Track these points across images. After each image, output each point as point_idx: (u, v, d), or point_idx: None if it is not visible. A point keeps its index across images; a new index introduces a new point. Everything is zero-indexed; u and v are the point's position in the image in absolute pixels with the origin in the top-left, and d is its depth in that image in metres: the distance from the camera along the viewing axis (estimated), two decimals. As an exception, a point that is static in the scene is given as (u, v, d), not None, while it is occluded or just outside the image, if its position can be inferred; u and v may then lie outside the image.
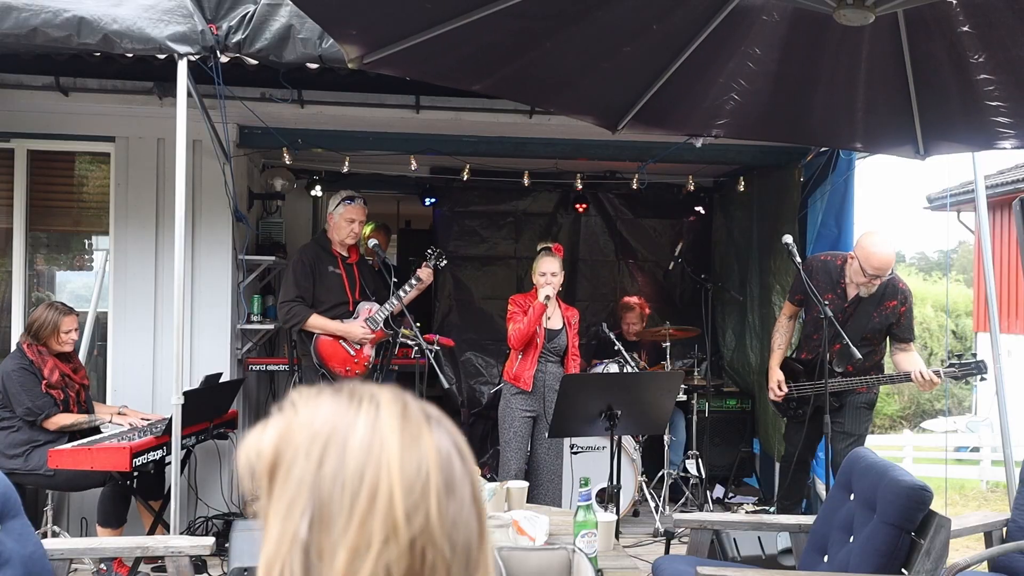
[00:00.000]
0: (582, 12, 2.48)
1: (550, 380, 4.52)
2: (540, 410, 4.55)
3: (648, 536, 4.94)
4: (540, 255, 4.61)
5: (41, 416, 3.99)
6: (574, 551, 1.97)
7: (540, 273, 4.53)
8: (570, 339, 4.65)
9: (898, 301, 4.13)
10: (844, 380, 4.17)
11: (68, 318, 4.18)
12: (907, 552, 2.40)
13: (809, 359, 4.39)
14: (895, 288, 4.13)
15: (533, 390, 4.52)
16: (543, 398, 4.53)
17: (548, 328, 4.57)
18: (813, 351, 4.33)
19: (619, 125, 3.25)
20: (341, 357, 4.54)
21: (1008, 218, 11.94)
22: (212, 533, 4.76)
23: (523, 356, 4.53)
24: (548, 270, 4.51)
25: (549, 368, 4.58)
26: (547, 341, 4.54)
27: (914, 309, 4.42)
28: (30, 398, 3.98)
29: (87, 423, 4.08)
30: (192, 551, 2.59)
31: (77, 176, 5.23)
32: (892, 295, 4.12)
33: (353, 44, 2.57)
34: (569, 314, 4.73)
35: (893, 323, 4.14)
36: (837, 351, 4.10)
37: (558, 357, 4.64)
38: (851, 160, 5.23)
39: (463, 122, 5.08)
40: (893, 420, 18.62)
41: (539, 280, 4.52)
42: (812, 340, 4.38)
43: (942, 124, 3.15)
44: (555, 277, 4.52)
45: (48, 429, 4.02)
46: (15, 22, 3.46)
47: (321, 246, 4.71)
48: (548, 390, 4.49)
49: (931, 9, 2.41)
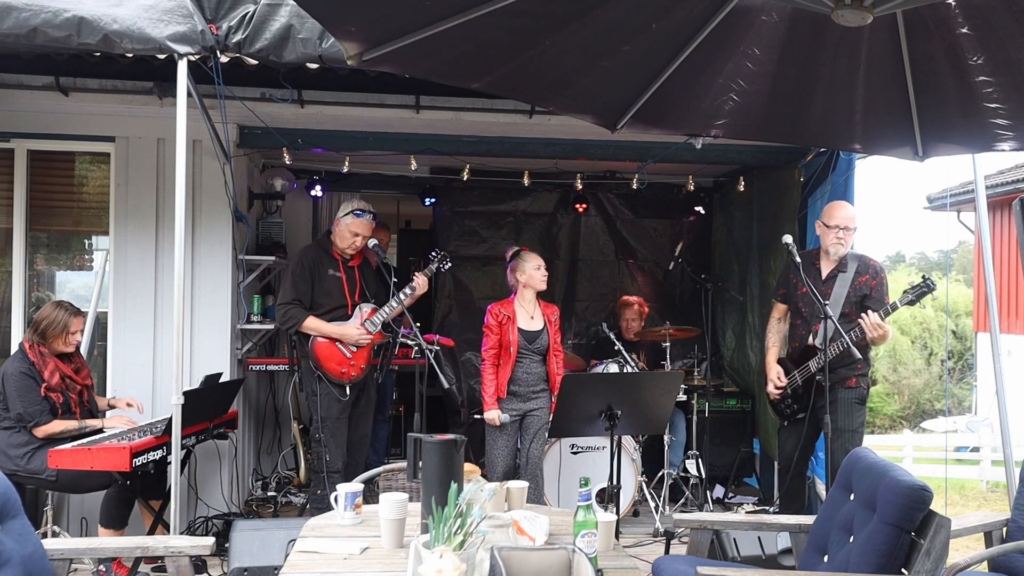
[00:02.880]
0: (581, 11, 2.48)
1: (533, 380, 4.68)
2: (525, 408, 4.69)
3: (648, 536, 4.95)
4: (522, 254, 4.75)
5: (31, 423, 3.96)
6: (574, 551, 1.97)
7: (535, 267, 4.70)
8: (551, 336, 4.76)
9: (870, 275, 4.38)
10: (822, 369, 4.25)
11: (76, 319, 4.18)
12: (907, 552, 2.40)
13: (796, 347, 4.53)
14: (866, 264, 4.42)
15: (517, 392, 4.64)
16: (527, 398, 4.67)
17: (530, 330, 4.69)
18: (799, 339, 4.50)
19: (618, 124, 3.25)
20: (337, 359, 4.55)
21: (1008, 218, 11.94)
22: (212, 533, 4.77)
23: (501, 366, 4.65)
24: (541, 263, 4.73)
25: (533, 368, 4.69)
26: (529, 342, 4.66)
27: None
28: (23, 404, 3.96)
29: (76, 430, 4.03)
30: (192, 551, 2.59)
31: (77, 176, 5.24)
32: (864, 270, 4.38)
33: (352, 41, 2.57)
34: (549, 312, 4.83)
35: (867, 294, 4.34)
36: (818, 330, 4.30)
37: (541, 356, 4.73)
38: (851, 160, 5.23)
39: (463, 122, 5.08)
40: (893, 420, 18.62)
41: (534, 274, 4.69)
42: (797, 329, 4.55)
43: (941, 126, 3.15)
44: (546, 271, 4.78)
45: (38, 436, 3.98)
46: (15, 22, 3.46)
47: (323, 248, 4.71)
48: (532, 390, 4.68)
49: (930, 10, 2.41)
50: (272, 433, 6.19)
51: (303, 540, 2.43)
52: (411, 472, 2.56)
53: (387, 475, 3.19)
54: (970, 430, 12.72)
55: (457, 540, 1.83)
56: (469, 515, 1.86)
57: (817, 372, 4.26)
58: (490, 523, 2.44)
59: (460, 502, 1.90)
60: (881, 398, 19.02)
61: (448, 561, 1.76)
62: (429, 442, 2.38)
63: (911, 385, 19.56)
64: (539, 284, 4.72)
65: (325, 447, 4.52)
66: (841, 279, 4.34)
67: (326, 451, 4.52)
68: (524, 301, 4.71)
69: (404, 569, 2.07)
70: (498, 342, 4.61)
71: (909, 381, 19.59)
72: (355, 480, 3.00)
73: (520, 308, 4.70)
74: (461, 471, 2.39)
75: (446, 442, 2.38)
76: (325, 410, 4.52)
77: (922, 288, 4.07)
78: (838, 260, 4.39)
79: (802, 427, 4.42)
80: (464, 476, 2.41)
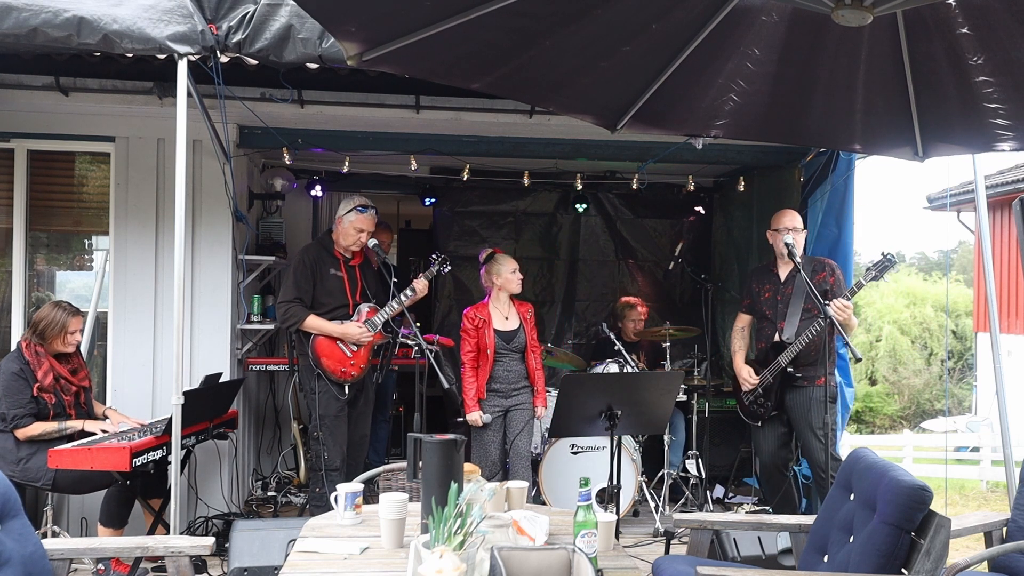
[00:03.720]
0: (582, 11, 2.48)
1: (514, 377, 4.75)
2: (507, 405, 4.74)
3: (648, 536, 4.94)
4: (496, 257, 4.81)
5: (11, 425, 3.93)
6: (574, 551, 1.97)
7: (512, 271, 4.75)
8: (528, 334, 4.81)
9: (827, 272, 4.58)
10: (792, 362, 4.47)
11: (75, 319, 4.16)
12: (907, 552, 2.40)
13: (763, 347, 4.70)
14: (821, 263, 4.65)
15: (498, 389, 4.70)
16: (508, 395, 4.73)
17: (506, 330, 4.73)
18: (765, 339, 4.68)
19: (618, 124, 3.25)
20: (337, 358, 4.54)
21: (1008, 218, 11.94)
22: (212, 533, 4.77)
23: (480, 369, 4.70)
24: (515, 266, 4.78)
25: (512, 366, 4.75)
26: (506, 342, 4.71)
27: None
28: (8, 404, 3.94)
29: (56, 432, 3.98)
30: (192, 551, 2.59)
31: (77, 176, 5.24)
32: (821, 269, 4.60)
33: (352, 41, 2.57)
34: (523, 310, 4.87)
35: (827, 289, 4.49)
36: (783, 327, 4.55)
37: (519, 354, 4.79)
38: (851, 160, 5.23)
39: (463, 122, 5.08)
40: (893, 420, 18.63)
41: (511, 278, 4.74)
42: (763, 330, 4.72)
43: (941, 126, 3.15)
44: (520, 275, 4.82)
45: (19, 438, 3.94)
46: (15, 22, 3.46)
47: (324, 247, 4.70)
48: (513, 387, 4.74)
49: (930, 10, 2.41)
50: (272, 433, 6.20)
51: (303, 540, 2.43)
52: (411, 472, 2.56)
53: (387, 475, 3.19)
54: (970, 430, 12.72)
55: (457, 540, 1.83)
56: (469, 515, 1.86)
57: (788, 365, 4.47)
58: (490, 523, 2.44)
59: (460, 502, 1.90)
60: (881, 398, 19.03)
61: (448, 561, 1.76)
62: (429, 442, 2.38)
63: (911, 385, 19.57)
64: (514, 287, 4.77)
65: (324, 445, 4.52)
66: (800, 279, 4.49)
67: (324, 449, 4.52)
68: (499, 303, 4.78)
69: (404, 569, 2.07)
70: (476, 345, 4.67)
71: (909, 381, 19.60)
72: (355, 480, 3.00)
73: (495, 310, 4.75)
74: (461, 471, 2.39)
75: (446, 442, 2.38)
76: (323, 408, 4.52)
77: (883, 263, 4.17)
78: (792, 263, 4.54)
79: (776, 426, 4.63)
80: (464, 476, 2.41)
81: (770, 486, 4.87)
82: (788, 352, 4.45)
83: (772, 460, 4.70)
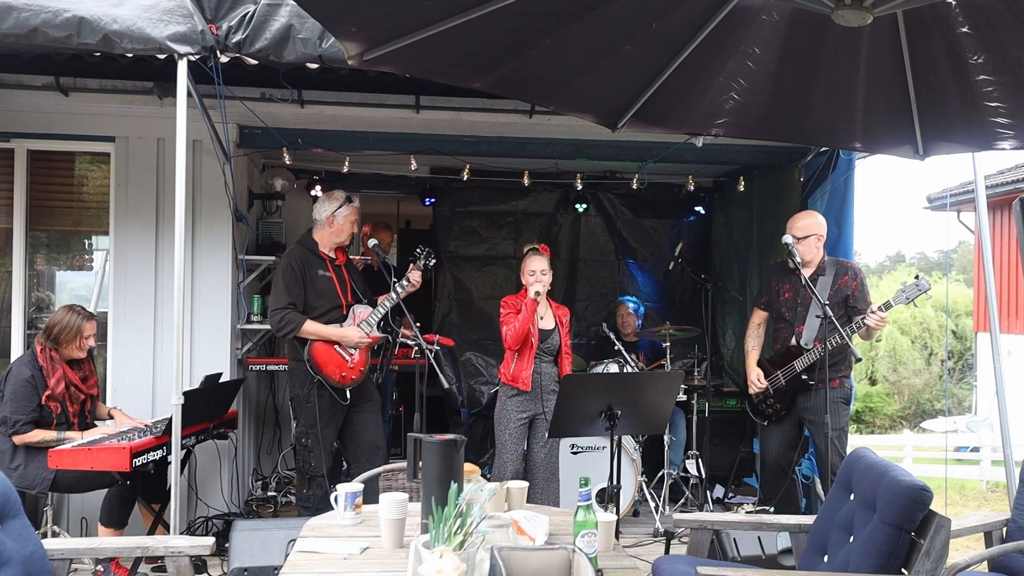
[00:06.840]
0: (582, 10, 2.48)
1: (546, 380, 4.55)
2: (536, 410, 4.55)
3: (648, 536, 4.94)
4: (528, 254, 4.63)
5: (11, 431, 3.92)
6: (574, 551, 1.96)
7: (529, 271, 4.54)
8: (562, 338, 4.65)
9: (849, 276, 4.49)
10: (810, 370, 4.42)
11: (90, 323, 4.14)
12: (907, 552, 2.40)
13: (779, 348, 4.65)
14: (845, 267, 4.56)
15: (530, 391, 4.51)
16: (539, 399, 4.54)
17: (541, 328, 4.58)
18: (782, 341, 4.63)
19: (619, 123, 3.24)
20: (337, 363, 4.38)
21: (1008, 218, 11.94)
22: (212, 533, 4.77)
23: (519, 356, 4.53)
24: (537, 268, 4.53)
25: (544, 368, 4.57)
26: (540, 342, 4.55)
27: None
28: (13, 409, 3.93)
29: (54, 441, 3.95)
30: (192, 551, 2.59)
31: (77, 176, 5.24)
32: (843, 272, 4.51)
33: (353, 41, 2.57)
34: (560, 313, 4.72)
35: (848, 295, 4.44)
36: (802, 331, 4.47)
37: (552, 357, 4.63)
38: (851, 160, 5.23)
39: (463, 122, 5.08)
40: (893, 420, 18.62)
41: (528, 279, 4.54)
42: (780, 332, 4.67)
43: (941, 125, 3.15)
44: (544, 275, 4.53)
45: (15, 443, 3.94)
46: (15, 22, 3.46)
47: (309, 249, 4.50)
48: (544, 390, 4.53)
49: (930, 10, 2.41)
50: (272, 433, 6.19)
51: (303, 540, 2.42)
52: (411, 472, 2.56)
53: (387, 475, 3.19)
54: (970, 430, 12.72)
55: (457, 540, 1.82)
56: (469, 515, 1.86)
57: (802, 372, 4.43)
58: (490, 523, 2.44)
59: (460, 502, 1.90)
60: (881, 398, 19.02)
61: (448, 561, 1.76)
62: (429, 442, 2.38)
63: (911, 385, 19.57)
64: (533, 286, 4.49)
65: (311, 453, 4.36)
66: (822, 282, 4.45)
67: (312, 456, 4.37)
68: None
69: (404, 569, 2.07)
70: (522, 325, 4.43)
71: (909, 381, 19.60)
72: (355, 480, 3.00)
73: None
74: (461, 471, 2.39)
75: (446, 442, 2.38)
76: (321, 415, 4.33)
77: (917, 289, 4.14)
78: (816, 266, 4.51)
79: (784, 426, 4.59)
80: (464, 476, 2.41)
81: (773, 485, 4.86)
82: (805, 358, 4.41)
83: (777, 459, 4.66)
